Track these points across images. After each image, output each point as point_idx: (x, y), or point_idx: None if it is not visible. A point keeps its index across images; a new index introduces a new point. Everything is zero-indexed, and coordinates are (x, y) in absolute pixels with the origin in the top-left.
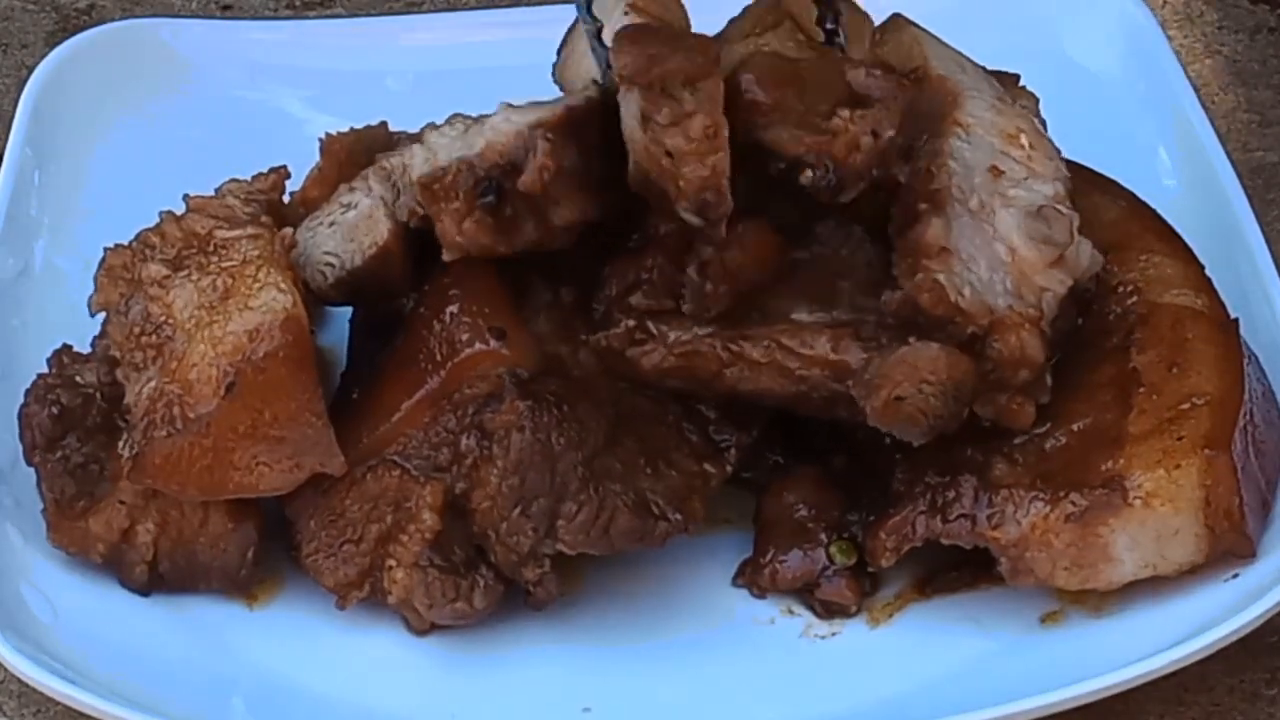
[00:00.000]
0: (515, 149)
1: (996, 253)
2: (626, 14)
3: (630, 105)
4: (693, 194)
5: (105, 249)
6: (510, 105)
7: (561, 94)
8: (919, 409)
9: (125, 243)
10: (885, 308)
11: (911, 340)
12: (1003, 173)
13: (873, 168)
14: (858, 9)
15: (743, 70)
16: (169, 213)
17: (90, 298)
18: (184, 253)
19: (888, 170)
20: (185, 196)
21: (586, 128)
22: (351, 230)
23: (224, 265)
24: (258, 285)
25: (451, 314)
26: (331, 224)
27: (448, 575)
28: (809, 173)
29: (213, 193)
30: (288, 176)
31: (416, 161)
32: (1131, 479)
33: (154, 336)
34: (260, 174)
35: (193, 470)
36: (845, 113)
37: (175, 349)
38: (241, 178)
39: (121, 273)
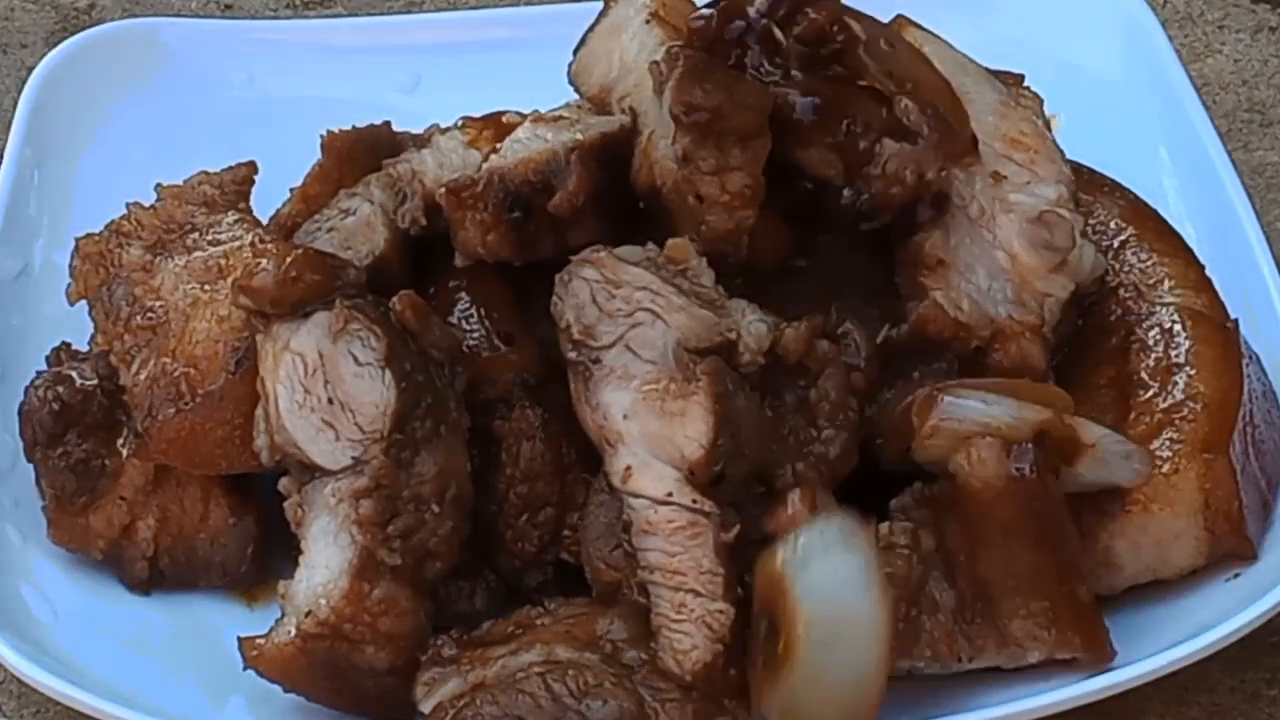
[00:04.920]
0: (548, 168)
1: (996, 260)
2: (648, 23)
3: (672, 134)
4: (711, 240)
5: (76, 239)
6: (541, 117)
7: (575, 96)
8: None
9: (95, 232)
10: (891, 343)
11: (915, 375)
12: (1004, 178)
13: (905, 203)
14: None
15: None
16: (137, 203)
17: (67, 287)
18: (165, 237)
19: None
20: (157, 186)
21: (617, 155)
22: (349, 237)
23: (214, 246)
24: None
25: (458, 317)
26: (330, 229)
27: (450, 577)
28: (845, 192)
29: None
30: (256, 171)
31: (429, 166)
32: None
33: (144, 318)
34: (229, 167)
35: (204, 444)
36: (893, 145)
37: (172, 328)
38: (211, 170)
39: (98, 260)
